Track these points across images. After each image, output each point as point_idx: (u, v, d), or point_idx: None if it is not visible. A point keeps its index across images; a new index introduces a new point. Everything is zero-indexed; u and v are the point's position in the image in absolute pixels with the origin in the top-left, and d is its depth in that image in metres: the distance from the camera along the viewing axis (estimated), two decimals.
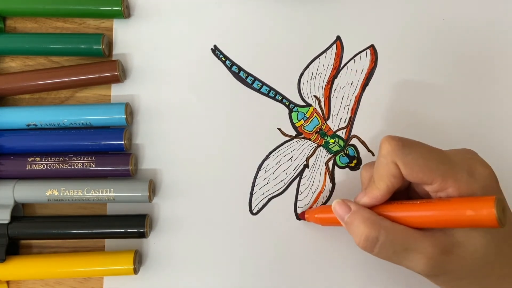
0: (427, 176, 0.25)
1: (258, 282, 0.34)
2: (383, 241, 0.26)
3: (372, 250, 0.26)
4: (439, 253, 0.25)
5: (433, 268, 0.25)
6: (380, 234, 0.26)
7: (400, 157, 0.26)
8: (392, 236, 0.26)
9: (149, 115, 0.35)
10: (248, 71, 0.35)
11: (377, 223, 0.26)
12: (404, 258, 0.26)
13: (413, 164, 0.25)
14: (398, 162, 0.26)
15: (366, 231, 0.26)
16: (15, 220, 0.33)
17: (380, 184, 0.27)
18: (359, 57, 0.36)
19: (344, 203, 0.28)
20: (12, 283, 0.35)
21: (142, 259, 0.34)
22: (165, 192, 0.35)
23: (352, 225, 0.27)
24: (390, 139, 0.26)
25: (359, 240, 0.26)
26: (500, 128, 0.35)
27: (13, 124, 0.34)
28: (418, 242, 0.25)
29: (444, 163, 0.26)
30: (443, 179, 0.25)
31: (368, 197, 0.27)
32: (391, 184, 0.26)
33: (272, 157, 0.35)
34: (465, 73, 0.36)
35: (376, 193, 0.27)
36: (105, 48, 0.34)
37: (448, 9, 0.36)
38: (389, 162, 0.26)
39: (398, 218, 0.26)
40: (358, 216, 0.27)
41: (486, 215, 0.23)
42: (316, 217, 0.33)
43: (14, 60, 0.36)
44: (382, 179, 0.27)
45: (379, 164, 0.27)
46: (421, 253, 0.25)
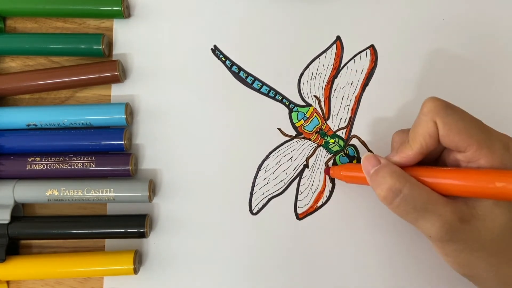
0: (463, 140, 0.25)
1: (258, 282, 0.34)
2: (405, 194, 0.26)
3: (392, 201, 0.26)
4: (457, 220, 0.25)
5: (447, 232, 0.25)
6: (404, 187, 0.26)
7: (441, 116, 0.26)
8: (416, 192, 0.26)
9: (149, 115, 0.35)
10: (248, 71, 0.35)
11: (404, 177, 0.26)
12: (421, 217, 0.26)
13: (452, 125, 0.25)
14: (438, 121, 0.26)
15: (391, 182, 0.26)
16: (15, 220, 0.33)
17: (414, 144, 0.27)
18: (359, 57, 0.36)
19: (375, 157, 0.28)
20: (12, 283, 0.35)
21: (142, 259, 0.34)
22: (165, 192, 0.35)
23: (377, 176, 0.27)
24: (434, 98, 0.26)
25: (381, 189, 0.26)
26: (501, 128, 0.35)
27: (13, 124, 0.34)
28: (440, 204, 0.25)
29: (483, 132, 0.26)
30: (479, 147, 0.25)
31: (399, 156, 0.27)
32: (425, 144, 0.26)
33: (272, 157, 0.35)
34: (465, 73, 0.36)
35: (408, 152, 0.27)
36: (105, 48, 0.34)
37: (448, 9, 0.36)
38: (429, 120, 0.26)
39: (425, 181, 0.26)
40: (385, 168, 0.27)
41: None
42: (342, 174, 0.32)
43: (14, 60, 0.36)
44: (417, 138, 0.26)
45: (418, 122, 0.27)
46: (440, 215, 0.25)
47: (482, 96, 0.35)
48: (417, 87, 0.35)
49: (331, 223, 0.34)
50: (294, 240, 0.34)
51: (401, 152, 0.27)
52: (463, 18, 0.36)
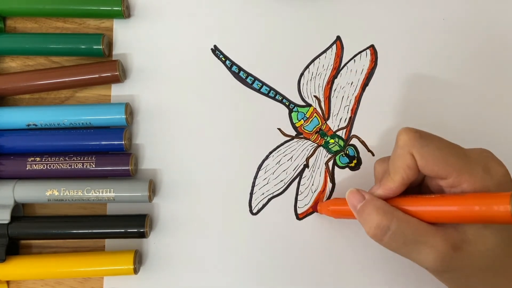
0: (442, 169, 0.25)
1: (258, 282, 0.34)
2: (394, 230, 0.25)
3: (382, 239, 0.26)
4: (449, 249, 0.25)
5: (442, 263, 0.25)
6: (392, 223, 0.26)
7: (417, 148, 0.26)
8: (404, 226, 0.25)
9: (149, 115, 0.35)
10: (248, 71, 0.35)
11: (390, 212, 0.26)
12: (413, 251, 0.26)
13: (430, 156, 0.25)
14: (415, 153, 0.26)
15: (378, 219, 0.26)
16: (15, 220, 0.33)
17: (395, 176, 0.27)
18: (359, 57, 0.36)
19: (358, 192, 0.28)
20: (12, 283, 0.35)
21: (142, 259, 0.34)
22: (165, 192, 0.35)
23: (364, 213, 0.27)
24: (408, 130, 0.26)
25: (369, 227, 0.26)
26: (501, 128, 0.35)
27: (13, 124, 0.34)
28: (430, 235, 0.25)
29: (460, 158, 0.25)
30: (459, 174, 0.25)
31: (382, 189, 0.27)
32: (406, 176, 0.26)
33: (272, 157, 0.35)
34: (465, 73, 0.36)
35: (390, 185, 0.27)
36: (105, 48, 0.34)
37: (448, 9, 0.36)
38: (405, 153, 0.26)
39: (411, 212, 0.26)
40: (371, 204, 0.27)
41: (501, 210, 0.23)
42: (329, 209, 0.32)
43: (14, 60, 0.36)
44: (397, 170, 0.26)
45: (395, 155, 0.27)
46: (431, 247, 0.25)
47: (482, 96, 0.35)
48: (417, 87, 0.35)
49: (331, 223, 0.34)
50: (294, 240, 0.34)
51: (383, 185, 0.27)
52: (463, 18, 0.36)
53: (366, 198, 0.28)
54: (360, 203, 0.28)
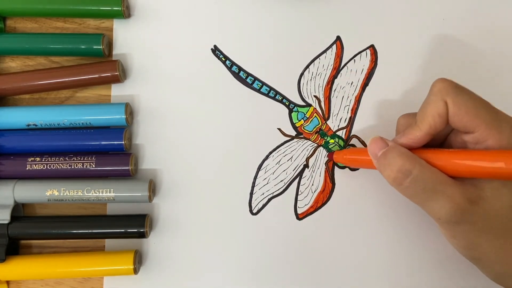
0: (472, 120, 0.25)
1: (258, 282, 0.34)
2: (416, 175, 0.26)
3: (402, 182, 0.26)
4: (466, 201, 0.25)
5: (456, 214, 0.25)
6: (414, 167, 0.26)
7: (452, 95, 0.26)
8: (426, 172, 0.26)
9: (149, 115, 0.35)
10: (248, 71, 0.36)
11: (413, 158, 0.26)
12: (430, 199, 0.26)
13: (462, 105, 0.25)
14: (448, 100, 0.26)
15: (401, 163, 0.26)
16: (15, 220, 0.33)
17: (423, 124, 0.27)
18: (359, 57, 0.36)
19: (382, 140, 0.28)
20: (12, 283, 0.35)
21: (142, 259, 0.34)
22: (165, 192, 0.35)
23: (386, 158, 0.27)
24: (444, 79, 0.26)
25: (391, 170, 0.26)
26: None
27: (13, 124, 0.34)
28: (449, 186, 0.25)
29: (492, 113, 0.26)
30: (487, 128, 0.25)
31: (407, 137, 0.27)
32: (434, 124, 0.26)
33: (272, 157, 0.35)
34: (465, 73, 0.36)
35: (416, 133, 0.27)
36: (105, 48, 0.34)
37: (448, 9, 0.36)
38: (439, 100, 0.26)
39: (433, 163, 0.26)
40: (394, 150, 0.27)
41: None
42: (345, 157, 0.32)
43: (14, 60, 0.36)
44: (426, 118, 0.26)
45: (428, 102, 0.27)
46: (449, 197, 0.25)
47: (482, 96, 0.35)
48: (417, 87, 0.35)
49: (331, 223, 0.34)
50: (294, 240, 0.34)
51: (409, 134, 0.27)
52: (463, 18, 0.36)
53: (390, 145, 0.27)
54: (382, 150, 0.27)
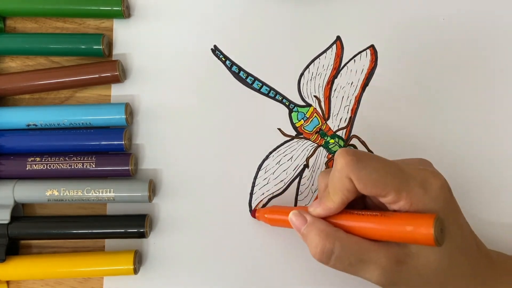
0: (380, 190, 0.25)
1: (258, 282, 0.34)
2: (338, 253, 0.26)
3: (327, 262, 0.26)
4: (393, 264, 0.25)
5: (387, 278, 0.26)
6: (335, 246, 0.26)
7: (354, 172, 0.26)
8: (347, 247, 0.26)
9: (149, 115, 0.35)
10: (248, 71, 0.35)
11: (332, 235, 0.26)
12: (359, 270, 0.26)
13: (367, 179, 0.25)
14: (352, 177, 0.26)
15: (321, 243, 0.26)
16: (15, 220, 0.33)
17: (335, 197, 0.27)
18: (359, 57, 0.36)
19: (301, 215, 0.29)
20: (12, 283, 0.35)
21: (142, 259, 0.34)
22: (165, 192, 0.35)
23: (308, 236, 0.27)
24: (344, 154, 0.26)
25: (314, 252, 0.27)
26: (501, 128, 0.35)
27: (13, 124, 0.34)
28: (372, 253, 0.26)
29: (398, 177, 0.26)
30: (397, 193, 0.25)
31: (322, 208, 0.28)
32: (345, 197, 0.27)
33: (272, 157, 0.35)
34: (465, 73, 0.36)
35: (330, 205, 0.27)
36: (105, 48, 0.34)
37: (448, 9, 0.36)
38: (343, 177, 0.26)
39: (352, 229, 0.27)
40: (313, 228, 0.27)
41: (424, 233, 0.23)
42: (266, 217, 0.33)
43: (14, 60, 0.36)
44: (336, 192, 0.27)
45: (334, 177, 0.27)
46: (375, 263, 0.25)
47: (482, 96, 0.35)
48: (417, 87, 0.35)
49: None
50: (294, 240, 0.34)
51: (323, 204, 0.28)
52: (463, 18, 0.36)
53: (308, 221, 0.28)
54: (303, 225, 0.28)
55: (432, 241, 0.23)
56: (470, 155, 0.35)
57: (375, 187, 0.25)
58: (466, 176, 0.35)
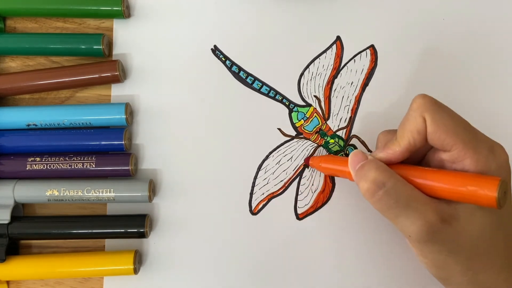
0: (450, 138, 0.25)
1: (258, 282, 0.34)
2: (389, 188, 0.25)
3: (374, 194, 0.26)
4: (438, 220, 0.25)
5: (427, 232, 0.25)
6: (389, 180, 0.25)
7: (431, 112, 0.26)
8: (399, 187, 0.25)
9: (149, 115, 0.35)
10: (248, 71, 0.35)
11: (389, 171, 0.26)
12: (402, 214, 0.25)
13: (441, 122, 0.25)
14: (427, 116, 0.26)
15: (375, 175, 0.26)
16: (15, 220, 0.33)
17: (402, 140, 0.26)
18: (359, 57, 0.36)
19: (362, 153, 0.28)
20: (12, 283, 0.35)
21: (142, 259, 0.34)
22: (165, 192, 0.35)
23: (362, 169, 0.27)
24: (424, 95, 0.26)
25: (365, 181, 0.26)
26: (500, 127, 0.35)
27: (13, 124, 0.34)
28: (422, 203, 0.25)
29: (470, 133, 0.26)
30: (464, 147, 0.25)
31: (386, 152, 0.27)
32: (413, 140, 0.26)
33: (272, 157, 0.35)
34: (465, 73, 0.36)
35: (396, 149, 0.27)
36: (105, 48, 0.34)
37: (448, 9, 0.36)
38: (418, 116, 0.26)
39: (409, 180, 0.26)
40: (371, 163, 0.27)
41: (488, 193, 0.23)
42: (321, 165, 0.32)
43: (14, 60, 0.36)
44: (405, 134, 0.26)
45: (407, 118, 0.27)
46: (421, 214, 0.25)
47: (482, 95, 0.35)
48: (417, 87, 0.35)
49: (331, 223, 0.34)
50: (294, 240, 0.34)
51: (388, 149, 0.27)
52: (463, 18, 0.36)
53: (368, 159, 0.27)
54: (361, 162, 0.27)
55: (495, 202, 0.23)
56: None
57: (445, 132, 0.25)
58: None
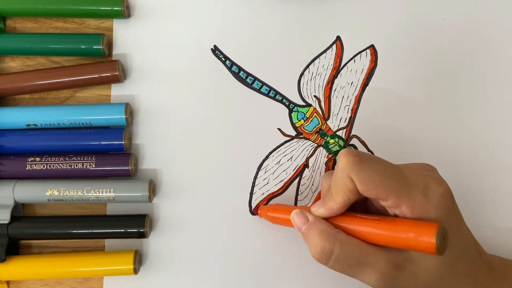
0: (381, 193, 0.25)
1: (258, 282, 0.34)
2: (337, 254, 0.26)
3: (327, 262, 0.26)
4: (392, 268, 0.25)
5: (385, 283, 0.25)
6: (335, 247, 0.26)
7: (356, 172, 0.26)
8: (347, 249, 0.26)
9: (149, 115, 0.35)
10: (248, 71, 0.35)
11: (333, 235, 0.26)
12: (358, 272, 0.26)
13: (368, 181, 0.25)
14: (354, 178, 0.26)
15: (322, 243, 0.26)
16: (15, 220, 0.33)
17: (337, 198, 0.27)
18: (359, 57, 0.36)
19: (302, 214, 0.29)
20: (12, 283, 0.35)
21: (142, 259, 0.34)
22: (165, 192, 0.35)
23: (308, 236, 0.27)
24: (347, 154, 0.26)
25: (314, 252, 0.26)
26: (500, 128, 0.35)
27: (13, 124, 0.34)
28: (372, 256, 0.25)
29: (399, 181, 0.26)
30: (397, 197, 0.25)
31: (324, 208, 0.28)
32: (347, 198, 0.27)
33: (272, 157, 0.35)
34: (465, 73, 0.36)
35: (332, 206, 0.27)
36: (105, 48, 0.34)
37: (448, 9, 0.36)
38: (345, 177, 0.26)
39: (353, 231, 0.27)
40: (314, 227, 0.27)
41: (426, 241, 0.23)
42: (269, 215, 0.33)
43: (14, 60, 0.36)
44: (338, 192, 0.27)
45: (336, 177, 0.27)
46: (374, 267, 0.25)
47: (481, 95, 0.35)
48: (417, 87, 0.35)
49: None
50: (294, 240, 0.34)
51: (326, 205, 0.28)
52: (463, 18, 0.36)
53: (310, 221, 0.28)
54: (305, 225, 0.28)
55: (434, 249, 0.23)
56: (470, 155, 0.35)
57: (375, 189, 0.25)
58: (464, 174, 0.35)
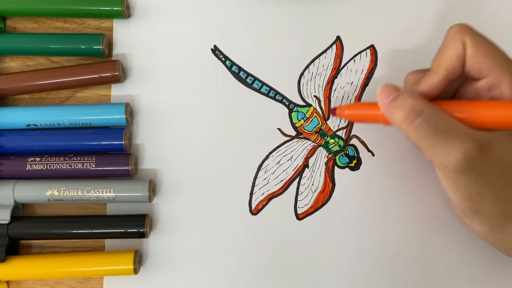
0: (488, 61, 0.25)
1: (258, 282, 0.34)
2: (428, 115, 0.25)
3: (413, 122, 0.25)
4: (477, 148, 0.24)
5: (466, 161, 0.24)
6: (427, 108, 0.25)
7: (470, 34, 0.25)
8: (438, 115, 0.25)
9: (149, 115, 0.35)
10: (248, 71, 0.36)
11: (426, 101, 0.25)
12: (440, 143, 0.25)
13: (480, 45, 0.25)
14: (467, 39, 0.25)
15: (413, 102, 0.25)
16: (15, 220, 0.33)
17: (439, 69, 0.26)
18: (359, 57, 0.36)
19: (392, 86, 0.27)
20: (12, 283, 0.35)
21: (142, 259, 0.34)
22: (165, 192, 0.35)
23: (397, 100, 0.26)
24: (460, 23, 0.26)
25: (402, 110, 0.25)
26: None
27: (13, 124, 0.34)
28: (461, 130, 0.25)
29: (507, 58, 0.25)
30: (502, 71, 0.25)
31: (423, 84, 0.26)
32: (451, 67, 0.26)
33: (272, 157, 0.35)
34: None
35: (432, 80, 0.26)
36: (105, 48, 0.34)
37: (448, 9, 0.36)
38: (457, 40, 0.25)
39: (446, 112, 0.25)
40: (407, 92, 0.26)
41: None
42: (347, 113, 0.31)
43: (14, 60, 0.36)
44: (443, 61, 0.26)
45: (445, 45, 0.26)
46: (461, 142, 0.24)
47: None
48: None
49: (331, 223, 0.34)
50: (294, 240, 0.34)
51: (424, 81, 0.26)
52: (463, 18, 0.36)
53: (401, 90, 0.27)
54: (392, 95, 0.26)
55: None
56: None
57: (484, 55, 0.25)
58: None
